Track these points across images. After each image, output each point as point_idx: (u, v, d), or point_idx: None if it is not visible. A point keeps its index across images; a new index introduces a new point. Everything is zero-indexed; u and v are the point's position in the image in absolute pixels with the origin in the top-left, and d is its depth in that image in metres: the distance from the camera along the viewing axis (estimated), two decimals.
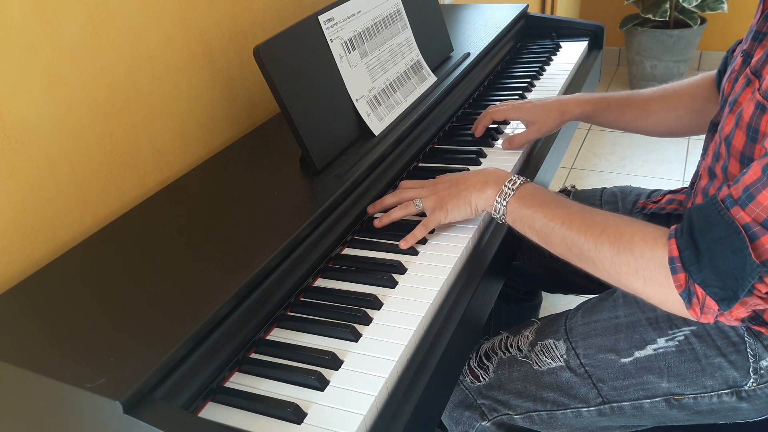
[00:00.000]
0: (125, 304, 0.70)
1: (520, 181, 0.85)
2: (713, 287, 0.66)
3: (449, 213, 0.87)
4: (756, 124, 0.71)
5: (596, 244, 0.74)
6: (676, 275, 0.68)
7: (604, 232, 0.74)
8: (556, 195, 0.84)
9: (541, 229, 0.80)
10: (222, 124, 1.10)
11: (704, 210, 0.68)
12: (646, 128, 1.12)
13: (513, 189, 0.84)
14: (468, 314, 0.79)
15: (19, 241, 0.79)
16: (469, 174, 0.90)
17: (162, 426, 0.56)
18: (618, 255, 0.72)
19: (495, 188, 0.85)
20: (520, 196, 0.83)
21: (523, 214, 0.82)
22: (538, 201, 0.82)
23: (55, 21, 0.80)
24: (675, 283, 0.68)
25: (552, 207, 0.80)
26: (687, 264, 0.67)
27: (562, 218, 0.78)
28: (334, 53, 0.98)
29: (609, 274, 0.74)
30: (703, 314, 0.69)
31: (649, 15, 3.02)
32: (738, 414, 0.84)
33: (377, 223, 0.90)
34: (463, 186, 0.88)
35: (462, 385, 0.95)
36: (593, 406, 0.87)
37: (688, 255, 0.67)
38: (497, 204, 0.84)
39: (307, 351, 0.70)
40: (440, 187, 0.90)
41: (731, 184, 0.68)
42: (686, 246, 0.67)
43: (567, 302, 1.02)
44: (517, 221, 0.83)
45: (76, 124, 0.84)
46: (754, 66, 0.76)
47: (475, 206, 0.87)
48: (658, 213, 1.05)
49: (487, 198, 0.85)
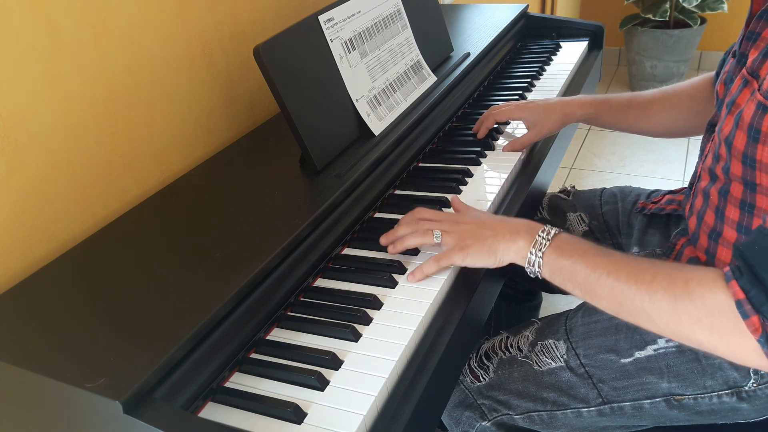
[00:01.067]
0: (125, 304, 0.70)
1: (555, 231, 0.78)
2: None
3: (468, 257, 0.80)
4: (758, 124, 0.71)
5: (649, 293, 0.67)
6: (749, 319, 0.61)
7: (655, 279, 0.67)
8: (594, 244, 0.77)
9: (585, 281, 0.73)
10: (222, 124, 1.10)
11: (757, 243, 0.63)
12: (647, 129, 1.12)
13: (548, 239, 0.77)
14: (468, 314, 0.79)
15: (18, 241, 0.79)
16: (495, 220, 0.83)
17: (162, 426, 0.56)
18: (675, 303, 0.65)
19: (527, 238, 0.78)
20: (557, 246, 0.76)
21: (563, 265, 0.75)
22: (578, 250, 0.75)
23: (55, 21, 0.80)
24: (749, 329, 0.61)
25: (593, 256, 0.74)
26: (758, 305, 0.61)
27: (606, 268, 0.71)
28: (334, 53, 0.98)
29: (668, 326, 0.67)
30: None
31: (649, 15, 3.02)
32: (738, 414, 0.83)
33: (391, 250, 0.85)
34: (489, 232, 0.81)
35: (462, 385, 0.95)
36: (593, 407, 0.87)
37: (756, 294, 0.61)
38: (531, 256, 0.77)
39: (307, 351, 0.70)
40: (463, 226, 0.83)
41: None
42: (751, 285, 0.61)
43: (567, 302, 1.02)
44: (555, 273, 0.76)
45: (75, 124, 0.84)
46: (751, 66, 0.76)
47: (501, 258, 0.79)
48: (657, 213, 1.05)
49: (518, 250, 0.78)
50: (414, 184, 1.03)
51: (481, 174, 1.04)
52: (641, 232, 1.06)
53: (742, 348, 0.63)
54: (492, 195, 0.98)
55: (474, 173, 1.04)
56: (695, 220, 0.86)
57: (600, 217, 1.15)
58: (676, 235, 0.94)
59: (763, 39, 0.76)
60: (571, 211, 1.18)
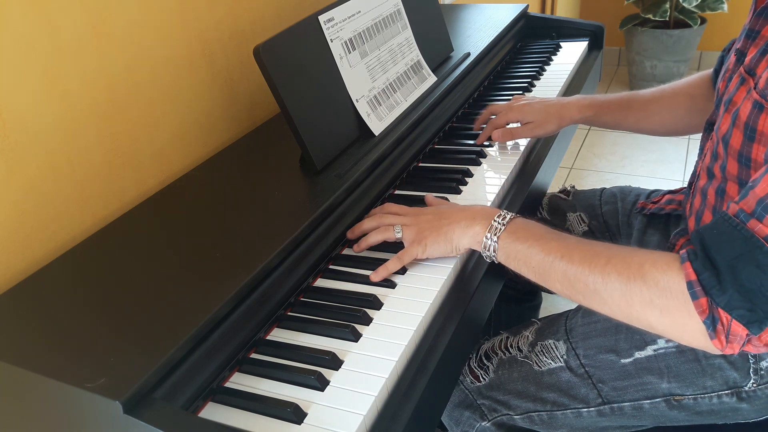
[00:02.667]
0: (125, 304, 0.70)
1: (511, 216, 0.79)
2: (740, 309, 0.61)
3: (427, 248, 0.81)
4: (754, 123, 0.71)
5: (602, 275, 0.68)
6: (697, 300, 0.62)
7: (609, 262, 0.68)
8: (550, 228, 0.78)
9: (539, 264, 0.74)
10: (222, 124, 1.10)
11: (717, 227, 0.63)
12: (647, 129, 1.12)
13: (504, 223, 0.78)
14: (468, 314, 0.79)
15: (18, 241, 0.79)
16: (455, 209, 0.85)
17: (162, 426, 0.56)
18: (628, 285, 0.66)
19: (483, 224, 0.79)
20: (513, 230, 0.77)
21: (517, 249, 0.76)
22: (533, 234, 0.76)
23: (54, 21, 0.80)
24: (697, 310, 0.62)
25: (548, 240, 0.74)
26: (708, 287, 0.62)
27: (560, 251, 0.72)
28: (334, 53, 0.98)
29: (620, 308, 0.68)
30: (728, 343, 0.63)
31: (649, 15, 3.02)
32: (738, 414, 0.84)
33: (356, 249, 0.86)
34: (446, 221, 0.82)
35: (462, 385, 0.95)
36: (593, 407, 0.87)
37: (707, 277, 0.62)
38: (487, 240, 0.78)
39: (307, 351, 0.70)
40: (422, 218, 0.84)
41: (738, 200, 0.64)
42: (704, 267, 0.62)
43: (567, 302, 1.02)
44: (510, 257, 0.77)
45: (75, 124, 0.84)
46: (748, 65, 0.76)
47: (456, 244, 0.81)
48: (657, 213, 1.05)
49: (474, 235, 0.80)
50: (414, 184, 1.03)
51: (481, 174, 1.04)
52: (641, 232, 1.06)
53: (690, 329, 0.64)
54: (492, 195, 0.98)
55: (474, 173, 1.04)
56: (694, 220, 0.86)
57: (600, 217, 1.15)
58: (675, 234, 0.94)
59: (763, 37, 0.76)
60: (570, 211, 1.18)
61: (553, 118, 1.09)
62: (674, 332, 0.66)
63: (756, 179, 0.63)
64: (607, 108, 1.10)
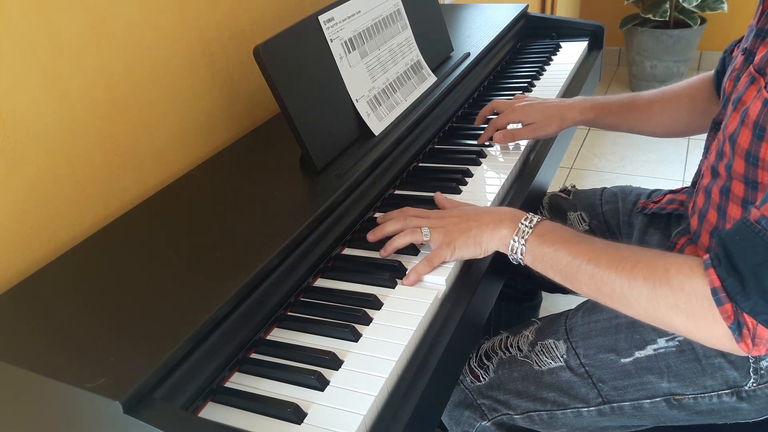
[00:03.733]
0: (125, 304, 0.70)
1: (537, 219, 0.80)
2: (765, 314, 0.62)
3: (456, 251, 0.81)
4: (763, 122, 0.71)
5: (629, 279, 0.69)
6: (722, 307, 0.63)
7: (636, 266, 0.69)
8: (576, 232, 0.79)
9: (566, 267, 0.75)
10: (222, 124, 1.10)
11: (739, 233, 0.64)
12: (648, 130, 1.12)
13: (531, 227, 0.79)
14: (468, 314, 0.79)
15: (18, 241, 0.79)
16: (481, 211, 0.85)
17: (162, 426, 0.56)
18: (654, 289, 0.67)
19: (511, 227, 0.80)
20: (540, 233, 0.78)
21: (545, 252, 0.77)
22: (560, 238, 0.77)
23: (54, 21, 0.80)
24: (722, 316, 0.63)
25: (575, 243, 0.75)
26: (732, 293, 0.62)
27: (587, 255, 0.73)
28: (334, 53, 0.98)
29: (646, 311, 0.69)
30: (755, 346, 0.64)
31: (649, 15, 3.02)
32: (738, 414, 0.83)
33: (383, 253, 0.85)
34: (474, 223, 0.82)
35: (462, 385, 0.95)
36: (593, 406, 0.87)
37: (731, 283, 0.62)
38: (514, 243, 0.79)
39: (307, 351, 0.70)
40: (449, 221, 0.84)
41: (759, 205, 0.64)
42: (728, 274, 0.63)
43: (567, 302, 1.02)
44: (537, 260, 0.78)
45: (75, 124, 0.84)
46: (758, 64, 0.76)
47: (485, 247, 0.81)
48: (658, 213, 1.05)
49: (501, 238, 0.80)
50: (414, 184, 1.03)
51: (481, 174, 1.04)
52: (642, 231, 1.06)
53: (715, 333, 0.65)
54: (492, 195, 0.98)
55: (474, 173, 1.04)
56: (697, 219, 0.86)
57: (600, 216, 1.15)
58: (676, 234, 0.94)
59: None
60: (571, 210, 1.18)
61: (555, 120, 1.09)
62: (700, 335, 0.67)
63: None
64: (609, 110, 1.11)
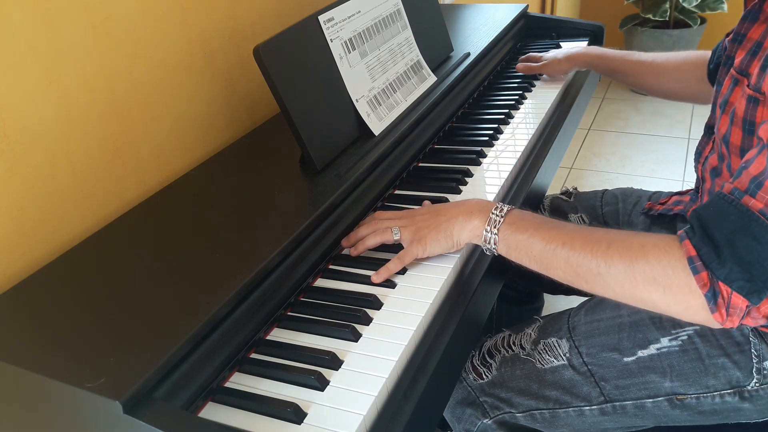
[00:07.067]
0: (125, 304, 0.69)
1: (508, 207, 0.80)
2: (739, 281, 0.63)
3: (428, 246, 0.81)
4: (751, 117, 0.73)
5: (605, 259, 0.69)
6: (699, 274, 0.64)
7: (611, 245, 0.70)
8: (547, 218, 0.79)
9: (540, 253, 0.75)
10: (222, 124, 1.10)
11: (713, 205, 0.66)
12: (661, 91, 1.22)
13: (502, 216, 0.79)
14: (468, 314, 0.79)
15: (18, 241, 0.79)
16: (450, 205, 0.85)
17: (162, 426, 0.56)
18: (631, 266, 0.68)
19: (481, 217, 0.80)
20: (511, 221, 0.78)
21: (518, 239, 0.77)
22: (532, 224, 0.77)
23: (54, 21, 0.79)
24: (698, 284, 0.64)
25: (548, 229, 0.75)
26: (708, 261, 0.64)
27: (561, 239, 0.73)
28: (334, 53, 0.98)
29: (623, 289, 0.69)
30: (728, 316, 0.65)
31: (649, 15, 3.03)
32: (740, 414, 0.83)
33: (353, 252, 0.85)
34: (443, 217, 0.82)
35: (464, 383, 0.95)
36: (595, 405, 0.87)
37: (706, 251, 0.64)
38: (487, 233, 0.79)
39: (307, 351, 0.70)
40: (419, 218, 0.84)
41: (732, 179, 0.66)
42: (703, 243, 0.64)
43: (568, 304, 1.02)
44: (511, 249, 0.78)
45: (75, 124, 0.84)
46: (739, 66, 0.78)
47: (456, 239, 0.81)
48: (665, 214, 1.05)
49: (473, 229, 0.80)
50: (414, 184, 1.02)
51: (481, 174, 1.04)
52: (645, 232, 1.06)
53: (692, 305, 0.66)
54: (492, 195, 0.98)
55: (474, 173, 1.04)
56: None
57: (601, 218, 1.15)
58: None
59: (749, 40, 0.80)
60: (572, 212, 1.18)
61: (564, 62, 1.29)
62: (677, 309, 0.68)
63: (749, 160, 0.66)
64: (629, 65, 1.22)
